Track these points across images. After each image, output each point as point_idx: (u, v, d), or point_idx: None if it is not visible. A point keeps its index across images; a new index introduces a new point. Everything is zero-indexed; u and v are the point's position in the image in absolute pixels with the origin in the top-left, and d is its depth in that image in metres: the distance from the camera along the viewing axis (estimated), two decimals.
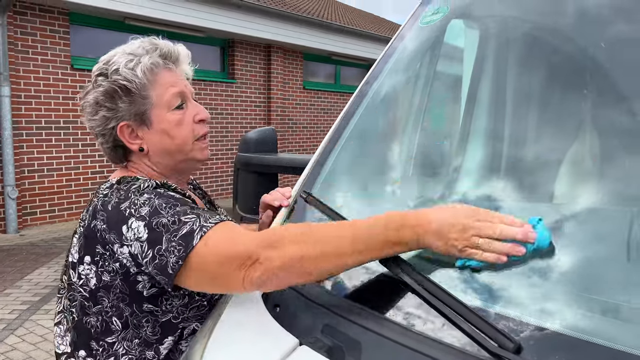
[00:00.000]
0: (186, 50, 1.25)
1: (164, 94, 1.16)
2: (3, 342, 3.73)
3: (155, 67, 1.15)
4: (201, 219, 0.99)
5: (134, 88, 1.13)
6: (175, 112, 1.17)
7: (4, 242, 6.50)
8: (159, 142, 1.17)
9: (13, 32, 6.86)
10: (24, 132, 7.08)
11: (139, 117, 1.15)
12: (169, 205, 1.03)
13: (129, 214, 1.03)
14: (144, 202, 1.04)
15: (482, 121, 1.40)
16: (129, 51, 1.16)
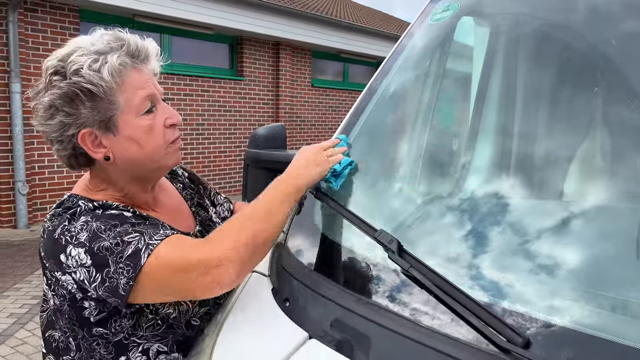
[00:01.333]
0: (155, 45, 1.10)
1: (133, 97, 1.03)
2: (13, 336, 3.77)
3: (123, 67, 1.01)
4: (145, 237, 0.96)
5: (99, 92, 0.99)
6: (144, 117, 1.05)
7: (14, 237, 6.56)
8: (126, 151, 1.05)
9: (24, 29, 6.91)
10: (34, 128, 7.11)
11: (103, 124, 1.02)
12: (108, 226, 0.97)
13: (66, 242, 0.97)
14: (82, 227, 0.97)
15: (491, 119, 1.40)
16: (91, 48, 1.00)
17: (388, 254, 0.92)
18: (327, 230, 1.16)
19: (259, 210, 1.04)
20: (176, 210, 1.24)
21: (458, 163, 1.30)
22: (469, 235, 0.96)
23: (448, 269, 0.89)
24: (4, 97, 6.74)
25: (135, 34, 1.07)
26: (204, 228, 1.26)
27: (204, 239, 1.01)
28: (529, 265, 0.82)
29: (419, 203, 1.18)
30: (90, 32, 1.06)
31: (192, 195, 1.32)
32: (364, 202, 1.22)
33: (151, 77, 1.08)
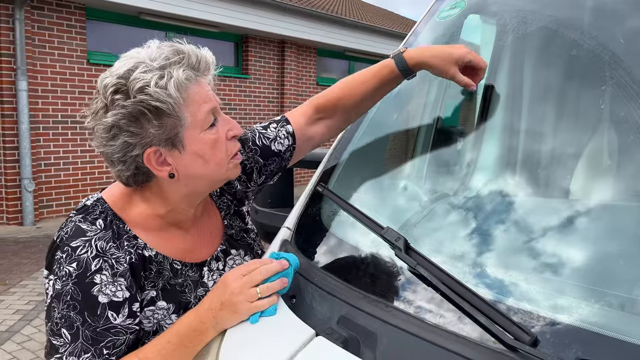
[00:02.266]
0: (212, 55, 1.06)
1: (197, 112, 0.99)
2: (20, 333, 3.80)
3: (188, 82, 0.98)
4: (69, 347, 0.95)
5: (168, 109, 0.95)
6: (208, 131, 1.01)
7: (21, 234, 6.60)
8: (191, 167, 1.02)
9: (30, 27, 6.95)
10: (40, 125, 7.18)
11: (170, 142, 0.98)
12: (70, 304, 0.96)
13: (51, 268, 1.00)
14: (63, 275, 0.97)
15: (498, 117, 1.40)
16: (154, 64, 0.96)
17: (395, 252, 0.92)
18: (333, 228, 1.16)
19: None
20: (207, 228, 1.19)
21: (464, 161, 1.30)
22: (476, 233, 0.96)
23: (455, 266, 0.89)
24: (11, 95, 6.78)
25: (191, 45, 1.03)
26: (231, 244, 1.21)
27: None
28: (536, 263, 0.82)
29: (425, 201, 1.18)
30: (145, 45, 1.01)
31: (229, 203, 1.25)
32: (370, 199, 1.22)
33: (210, 89, 1.04)
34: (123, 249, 1.02)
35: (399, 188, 1.26)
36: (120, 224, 1.05)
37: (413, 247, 0.91)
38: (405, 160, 1.32)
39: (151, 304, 1.06)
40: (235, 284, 0.95)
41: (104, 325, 0.97)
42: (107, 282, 0.98)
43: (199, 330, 0.97)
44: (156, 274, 1.07)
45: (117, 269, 1.00)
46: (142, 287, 1.05)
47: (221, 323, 0.96)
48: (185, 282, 1.11)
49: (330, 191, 1.18)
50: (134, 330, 1.02)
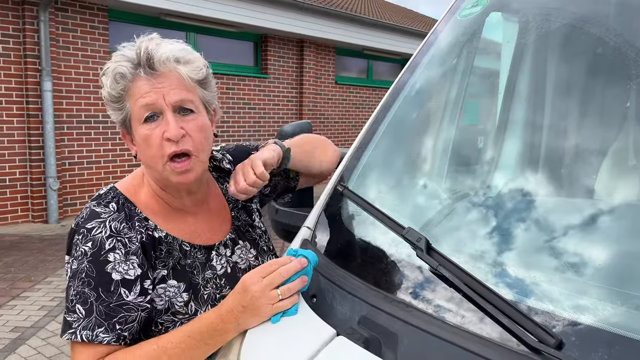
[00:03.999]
0: (171, 52, 1.07)
1: (134, 105, 1.07)
2: (44, 329, 3.87)
3: (121, 77, 1.06)
4: (82, 322, 1.00)
5: (107, 97, 1.10)
6: (145, 125, 1.07)
7: (46, 232, 6.74)
8: (140, 153, 1.12)
9: (54, 29, 7.08)
10: (64, 125, 7.31)
11: (125, 125, 1.12)
12: (86, 280, 1.02)
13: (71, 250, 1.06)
14: (80, 255, 1.03)
15: (520, 115, 1.38)
16: (114, 57, 1.09)
17: (416, 252, 0.92)
18: (353, 228, 1.16)
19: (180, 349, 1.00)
20: (216, 215, 1.26)
21: (486, 160, 1.29)
22: (498, 233, 0.95)
23: (476, 267, 0.88)
24: (36, 96, 6.92)
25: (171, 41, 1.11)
26: (239, 235, 1.27)
27: None
28: (559, 263, 0.81)
29: (446, 201, 1.17)
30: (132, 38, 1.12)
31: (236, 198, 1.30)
32: (391, 199, 1.22)
33: (164, 86, 1.06)
34: (135, 229, 1.09)
35: (420, 188, 1.26)
36: (132, 207, 1.12)
37: (434, 248, 0.91)
38: (426, 159, 1.31)
39: (162, 282, 1.11)
40: (255, 287, 0.95)
41: (117, 301, 1.02)
42: (120, 261, 1.04)
43: (220, 330, 0.98)
44: (166, 254, 1.12)
45: (130, 248, 1.06)
46: (153, 266, 1.10)
47: (243, 324, 0.98)
48: (194, 263, 1.16)
49: (350, 191, 1.18)
50: (145, 308, 1.06)
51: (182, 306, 1.11)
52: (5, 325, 3.94)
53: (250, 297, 0.95)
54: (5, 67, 6.77)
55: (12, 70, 6.82)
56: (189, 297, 1.12)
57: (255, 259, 1.28)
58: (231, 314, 0.97)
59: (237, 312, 0.96)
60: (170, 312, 1.10)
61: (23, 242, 6.23)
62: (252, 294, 0.95)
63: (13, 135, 6.91)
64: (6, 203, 6.97)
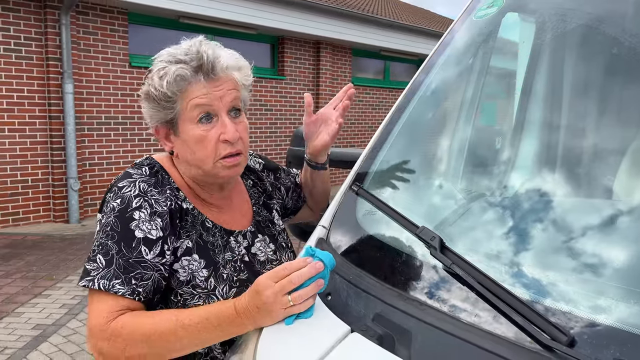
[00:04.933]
0: (230, 59, 1.17)
1: (187, 106, 1.13)
2: (65, 326, 3.95)
3: (182, 79, 1.12)
4: (102, 272, 1.05)
5: (157, 98, 1.14)
6: (198, 126, 1.14)
7: (67, 232, 6.86)
8: (182, 152, 1.18)
9: (76, 32, 7.21)
10: (85, 127, 7.44)
11: (168, 124, 1.17)
12: (110, 232, 1.08)
13: (104, 206, 1.13)
14: (109, 210, 1.10)
15: (537, 116, 1.38)
16: (167, 58, 1.14)
17: (430, 251, 0.93)
18: (368, 227, 1.17)
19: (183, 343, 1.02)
20: (238, 209, 1.32)
21: (502, 160, 1.29)
22: (512, 233, 0.95)
23: (490, 266, 0.89)
24: (58, 98, 7.05)
25: (219, 45, 1.18)
26: (259, 229, 1.33)
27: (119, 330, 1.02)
28: (573, 263, 0.81)
29: (461, 201, 1.18)
30: (182, 40, 1.17)
31: (259, 194, 1.40)
32: (405, 198, 1.23)
33: (222, 89, 1.14)
34: (165, 194, 1.15)
35: (435, 187, 1.26)
36: (166, 175, 1.20)
37: (448, 247, 0.91)
38: (441, 159, 1.32)
39: (187, 254, 1.15)
40: (267, 292, 0.96)
41: (136, 257, 1.07)
42: (145, 220, 1.10)
43: (237, 323, 1.01)
44: (191, 225, 1.18)
45: (156, 209, 1.12)
46: (177, 235, 1.15)
47: (259, 322, 1.00)
48: (216, 242, 1.21)
49: (365, 190, 1.19)
50: (159, 270, 1.10)
51: (202, 280, 1.15)
52: (27, 322, 4.02)
53: (264, 301, 0.97)
54: (28, 70, 6.91)
55: (34, 72, 6.96)
56: (209, 273, 1.16)
57: (273, 253, 1.32)
58: (247, 311, 0.99)
59: (252, 312, 0.99)
60: (190, 285, 1.14)
61: (45, 242, 6.35)
62: (264, 299, 0.96)
63: (35, 137, 7.06)
64: (28, 203, 7.11)
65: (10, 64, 6.76)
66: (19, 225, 7.03)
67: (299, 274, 0.96)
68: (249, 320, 1.00)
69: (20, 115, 6.89)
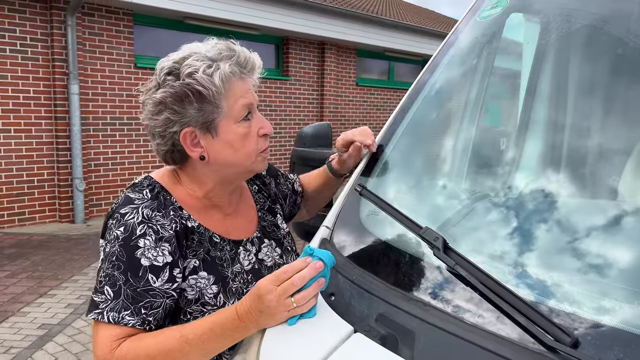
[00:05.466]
0: (260, 60, 1.19)
1: (234, 104, 1.11)
2: (70, 326, 3.96)
3: (232, 75, 1.11)
4: (110, 304, 1.03)
5: (208, 95, 1.07)
6: (242, 123, 1.13)
7: (72, 232, 6.89)
8: (221, 153, 1.14)
9: (81, 33, 7.24)
10: (91, 127, 7.47)
11: (205, 126, 1.11)
12: (116, 262, 1.05)
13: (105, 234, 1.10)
14: (113, 239, 1.07)
15: (542, 116, 1.37)
16: (207, 54, 1.10)
17: (434, 252, 0.93)
18: (371, 227, 1.17)
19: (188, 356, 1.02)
20: (245, 215, 1.31)
21: (506, 161, 1.29)
22: (516, 233, 0.95)
23: (493, 267, 0.88)
24: (63, 98, 7.08)
25: (243, 46, 1.17)
26: (264, 234, 1.32)
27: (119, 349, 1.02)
28: (577, 264, 0.81)
29: (465, 201, 1.18)
30: (204, 40, 1.15)
31: (264, 200, 1.40)
32: (409, 199, 1.23)
33: (251, 87, 1.16)
34: (169, 217, 1.12)
35: (438, 188, 1.26)
36: (167, 196, 1.16)
37: (451, 247, 0.91)
38: (445, 160, 1.32)
39: (194, 272, 1.14)
40: (270, 296, 0.96)
41: (144, 286, 1.05)
42: (150, 247, 1.07)
43: (241, 328, 1.01)
44: (198, 243, 1.16)
45: (162, 235, 1.09)
46: (184, 255, 1.13)
47: (262, 324, 1.00)
48: (224, 256, 1.19)
49: (368, 191, 1.19)
50: (170, 295, 1.08)
51: (211, 297, 1.14)
52: (33, 322, 4.04)
53: (266, 305, 0.96)
54: (34, 71, 6.95)
55: (40, 73, 7.00)
56: (218, 289, 1.15)
57: (280, 257, 1.32)
58: (250, 315, 0.99)
59: (255, 315, 0.98)
60: (199, 303, 1.13)
61: (50, 242, 6.38)
62: (267, 303, 0.96)
63: (41, 137, 7.09)
64: (34, 203, 7.15)
65: (16, 65, 6.79)
66: (25, 225, 7.07)
67: (301, 276, 0.96)
68: (252, 324, 0.99)
69: (26, 116, 6.92)
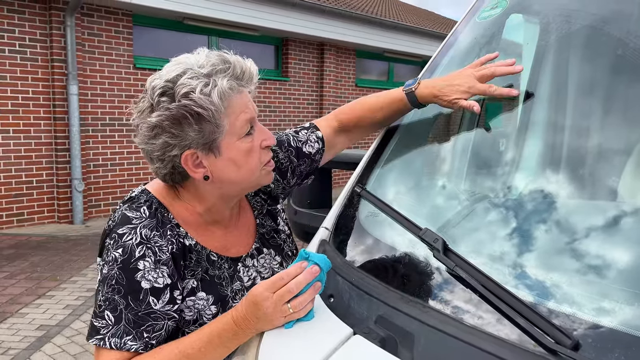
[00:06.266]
0: (255, 67, 1.10)
1: (236, 121, 1.05)
2: (69, 327, 3.96)
3: (231, 91, 1.03)
4: (111, 329, 1.00)
5: (208, 116, 1.00)
6: (244, 139, 1.07)
7: (71, 232, 6.88)
8: (224, 171, 1.08)
9: (80, 33, 7.24)
10: (90, 128, 7.47)
11: (207, 146, 1.04)
12: (116, 286, 1.02)
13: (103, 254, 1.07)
14: (110, 261, 1.03)
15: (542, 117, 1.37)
16: (201, 71, 1.01)
17: (433, 253, 0.92)
18: (371, 228, 1.17)
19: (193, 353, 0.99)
20: (244, 228, 1.26)
21: (505, 162, 1.28)
22: (515, 235, 0.95)
23: (493, 268, 0.88)
24: (62, 99, 7.08)
25: (237, 55, 1.08)
26: (263, 243, 1.28)
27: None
28: (577, 265, 0.80)
29: (464, 202, 1.17)
30: (195, 52, 1.07)
31: (262, 203, 1.33)
32: (408, 200, 1.22)
33: (250, 99, 1.09)
34: (166, 237, 1.08)
35: (438, 189, 1.26)
36: (165, 212, 1.11)
37: (451, 249, 0.91)
38: (445, 161, 1.31)
39: (192, 294, 1.11)
40: (266, 303, 0.94)
41: (145, 310, 1.02)
42: (150, 269, 1.03)
43: (239, 335, 1.00)
44: (195, 262, 1.12)
45: (160, 257, 1.05)
46: (183, 275, 1.10)
47: (260, 329, 0.99)
48: (222, 274, 1.16)
49: (368, 192, 1.18)
50: (172, 317, 1.06)
51: (209, 318, 1.11)
52: (31, 323, 4.03)
53: (263, 312, 0.95)
54: (33, 71, 6.94)
55: (39, 74, 6.99)
56: (217, 310, 1.13)
57: (279, 266, 1.28)
58: (247, 321, 0.98)
59: (252, 321, 0.97)
60: (198, 323, 1.11)
61: (49, 242, 6.37)
62: (263, 310, 0.95)
63: (40, 138, 7.09)
64: (33, 204, 7.14)
65: (15, 66, 6.79)
66: (24, 226, 7.06)
67: (297, 282, 0.95)
68: (250, 330, 0.99)
69: (25, 116, 6.92)
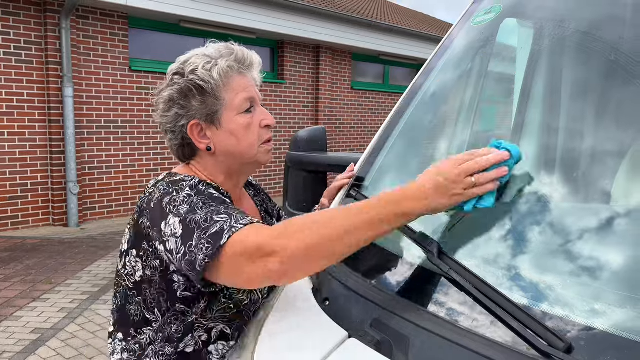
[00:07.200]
0: (259, 58, 1.28)
1: (235, 97, 1.20)
2: (64, 330, 3.94)
3: (230, 70, 1.19)
4: (232, 220, 1.00)
5: (208, 88, 1.17)
6: (244, 115, 1.21)
7: (66, 235, 6.85)
8: (225, 143, 1.20)
9: (76, 36, 7.22)
10: (85, 131, 7.44)
11: (209, 117, 1.19)
12: (206, 203, 1.05)
13: (169, 211, 1.05)
14: (184, 200, 1.06)
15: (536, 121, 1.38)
16: (207, 53, 1.20)
17: (427, 256, 0.93)
18: None
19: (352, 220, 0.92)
20: (247, 210, 1.33)
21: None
22: (509, 238, 0.95)
23: (488, 271, 0.89)
24: (57, 102, 7.05)
25: (242, 46, 1.26)
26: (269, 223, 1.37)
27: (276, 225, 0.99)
28: (570, 268, 0.81)
29: None
30: (207, 43, 1.26)
31: (262, 202, 1.45)
32: None
33: (253, 83, 1.25)
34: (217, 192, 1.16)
35: None
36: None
37: (446, 252, 0.92)
38: None
39: None
40: (451, 171, 0.93)
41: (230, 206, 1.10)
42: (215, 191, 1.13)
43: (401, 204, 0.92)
44: None
45: None
46: None
47: (432, 204, 0.92)
48: None
49: (363, 195, 1.19)
50: None
51: None
52: (26, 326, 4.01)
53: (444, 179, 0.92)
54: (28, 74, 6.92)
55: (34, 76, 6.97)
56: None
57: None
58: (421, 190, 0.92)
59: (428, 190, 0.92)
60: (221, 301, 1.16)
61: (44, 245, 6.34)
62: (446, 176, 0.92)
63: (35, 140, 7.06)
64: (28, 207, 7.10)
65: (10, 68, 6.76)
66: (18, 228, 7.03)
67: (485, 159, 0.94)
68: (421, 202, 0.91)
69: (20, 118, 6.89)
